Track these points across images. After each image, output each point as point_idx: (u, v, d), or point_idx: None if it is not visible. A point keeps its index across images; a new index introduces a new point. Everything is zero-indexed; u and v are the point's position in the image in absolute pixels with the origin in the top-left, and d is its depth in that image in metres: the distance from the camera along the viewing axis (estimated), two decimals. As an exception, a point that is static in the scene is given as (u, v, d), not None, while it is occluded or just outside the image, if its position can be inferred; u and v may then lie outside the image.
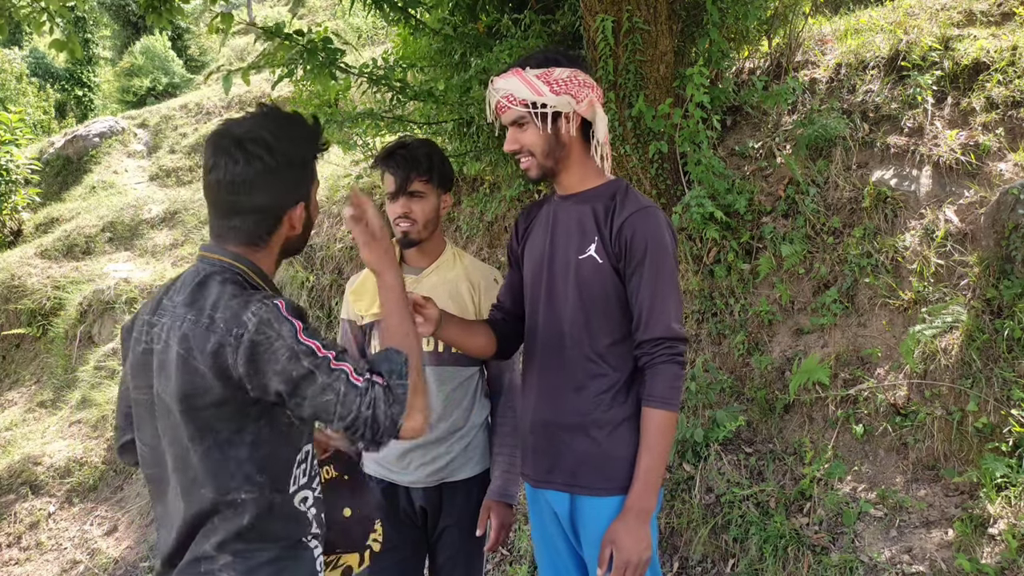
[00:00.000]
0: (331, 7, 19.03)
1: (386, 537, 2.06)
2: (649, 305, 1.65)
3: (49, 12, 4.34)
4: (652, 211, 1.69)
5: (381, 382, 1.28)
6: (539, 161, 1.72)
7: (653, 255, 1.65)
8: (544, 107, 1.66)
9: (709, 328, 3.78)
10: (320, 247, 5.74)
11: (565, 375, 1.73)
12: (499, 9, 4.22)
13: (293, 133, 1.39)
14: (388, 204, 2.05)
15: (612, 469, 1.69)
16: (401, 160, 2.00)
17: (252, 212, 1.37)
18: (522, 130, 1.71)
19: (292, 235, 1.44)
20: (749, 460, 3.29)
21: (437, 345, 2.04)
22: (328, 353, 1.27)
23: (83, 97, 21.77)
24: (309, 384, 1.25)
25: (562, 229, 1.77)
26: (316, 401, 1.25)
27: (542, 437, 1.78)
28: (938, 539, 2.72)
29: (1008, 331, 2.98)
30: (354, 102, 5.41)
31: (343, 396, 1.25)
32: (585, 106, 1.70)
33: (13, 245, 10.32)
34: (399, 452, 2.05)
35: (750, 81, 4.52)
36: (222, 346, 1.25)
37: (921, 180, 3.70)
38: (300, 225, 1.43)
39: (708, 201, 3.73)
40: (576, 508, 1.75)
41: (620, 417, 1.69)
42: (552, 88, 1.66)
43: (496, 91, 1.71)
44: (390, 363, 1.32)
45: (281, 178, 1.36)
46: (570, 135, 1.71)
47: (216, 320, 1.27)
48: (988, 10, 4.32)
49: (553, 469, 1.76)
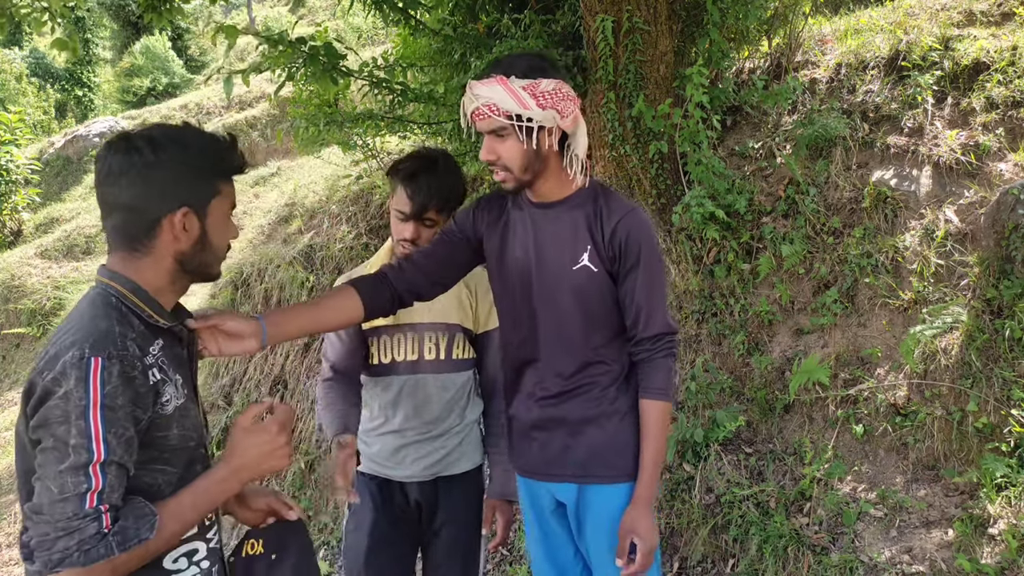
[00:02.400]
0: (331, 7, 19.03)
1: (381, 533, 2.07)
2: (648, 304, 1.70)
3: (50, 12, 4.35)
4: (639, 212, 1.72)
5: (106, 526, 1.12)
6: (516, 175, 1.67)
7: (647, 256, 1.69)
8: (530, 121, 1.60)
9: (709, 328, 3.78)
10: (320, 247, 5.74)
11: (569, 377, 1.76)
12: (499, 9, 4.22)
13: (193, 141, 1.31)
14: (395, 219, 1.99)
15: (620, 457, 1.74)
16: (424, 188, 1.91)
17: (124, 209, 1.27)
18: (501, 141, 1.64)
19: (181, 247, 1.31)
20: (749, 460, 3.29)
21: (438, 353, 2.04)
22: (99, 453, 1.12)
23: (83, 97, 21.77)
24: (50, 460, 1.12)
25: (548, 239, 1.74)
26: (42, 478, 1.13)
27: (547, 434, 1.80)
28: (938, 539, 2.72)
29: (1008, 331, 2.98)
30: (354, 102, 5.41)
31: (60, 500, 1.11)
32: (570, 121, 1.66)
33: (13, 245, 10.33)
34: (393, 448, 2.05)
35: (750, 81, 4.52)
36: (32, 383, 1.17)
37: (921, 180, 3.70)
38: (187, 238, 1.31)
39: (708, 201, 3.73)
40: (583, 498, 1.78)
41: (625, 407, 1.75)
42: (539, 102, 1.59)
43: (476, 97, 1.62)
44: (137, 524, 1.17)
45: (158, 176, 1.26)
46: (550, 148, 1.67)
47: (47, 353, 1.18)
48: (988, 10, 4.32)
49: (561, 462, 1.79)
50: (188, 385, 1.36)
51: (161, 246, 1.30)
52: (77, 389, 1.13)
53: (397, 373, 2.04)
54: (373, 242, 5.59)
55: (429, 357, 2.03)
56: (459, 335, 2.06)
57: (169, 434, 1.28)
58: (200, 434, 1.38)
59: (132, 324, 1.26)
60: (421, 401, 2.03)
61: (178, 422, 1.29)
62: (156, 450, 1.26)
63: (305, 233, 6.06)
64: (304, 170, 8.00)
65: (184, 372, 1.36)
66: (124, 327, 1.23)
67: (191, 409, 1.35)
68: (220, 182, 1.36)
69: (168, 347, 1.32)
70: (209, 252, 1.36)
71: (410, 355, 2.04)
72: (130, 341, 1.22)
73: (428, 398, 2.03)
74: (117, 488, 1.15)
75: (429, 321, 2.04)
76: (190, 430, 1.33)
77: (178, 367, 1.34)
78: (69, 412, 1.12)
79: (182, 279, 1.36)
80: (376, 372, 2.08)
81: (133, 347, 1.22)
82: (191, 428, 1.33)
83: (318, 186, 6.76)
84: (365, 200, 5.95)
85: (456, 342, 2.06)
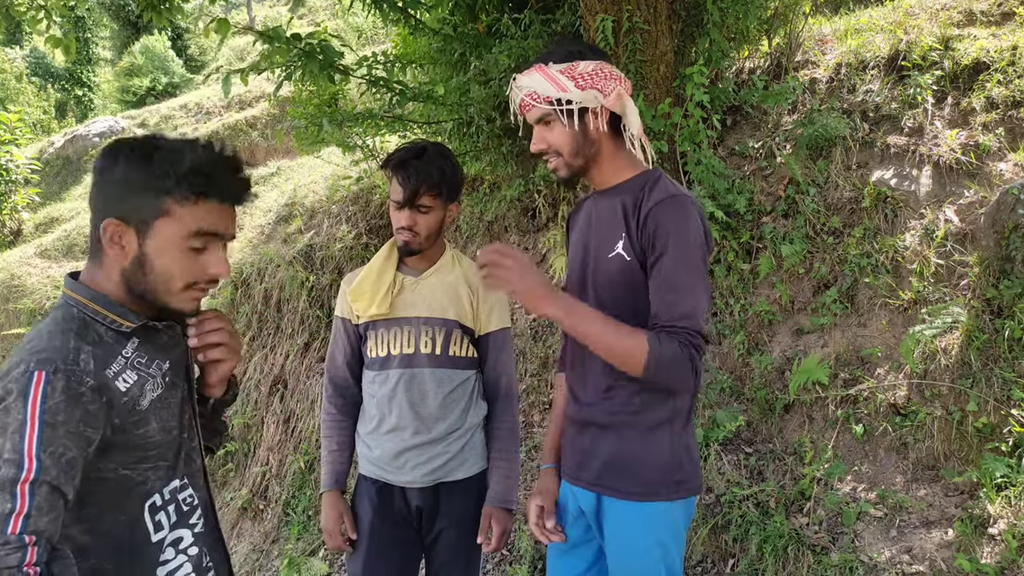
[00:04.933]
0: (331, 6, 19.03)
1: (381, 538, 2.07)
2: (672, 295, 1.52)
3: (47, 11, 4.34)
4: (679, 199, 1.57)
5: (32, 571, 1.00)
6: (567, 160, 1.66)
7: (676, 244, 1.53)
8: (570, 103, 1.59)
9: (709, 328, 3.77)
10: (320, 247, 5.74)
11: (598, 376, 1.69)
12: (499, 9, 4.22)
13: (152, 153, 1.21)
14: (392, 210, 2.03)
15: (642, 473, 1.62)
16: (413, 172, 1.94)
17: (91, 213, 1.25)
18: (548, 128, 1.64)
19: (123, 264, 1.22)
20: (749, 460, 3.29)
21: (435, 347, 2.04)
22: (30, 471, 1.03)
23: (83, 97, 21.77)
24: None
25: (596, 226, 1.71)
26: None
27: (577, 435, 1.75)
28: (938, 539, 2.72)
29: (1008, 331, 2.98)
30: (353, 102, 5.41)
31: None
32: (613, 99, 1.63)
33: (13, 245, 10.33)
34: (394, 452, 2.05)
35: (750, 81, 4.52)
36: None
37: (921, 180, 3.70)
38: (124, 254, 1.22)
39: (708, 201, 3.73)
40: (602, 508, 1.71)
41: (653, 421, 1.62)
42: (577, 83, 1.59)
43: (519, 89, 1.64)
44: None
45: (106, 182, 1.22)
46: (600, 130, 1.64)
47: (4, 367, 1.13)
48: (988, 10, 4.32)
49: (583, 467, 1.73)
50: (175, 369, 1.32)
51: (107, 258, 1.23)
52: (16, 403, 1.06)
53: (393, 367, 2.04)
54: (373, 242, 5.59)
55: (425, 351, 2.03)
56: (457, 332, 2.06)
57: (148, 429, 1.24)
58: (183, 422, 1.33)
59: (96, 332, 1.21)
60: (417, 396, 2.03)
61: (155, 414, 1.25)
62: (140, 449, 1.23)
63: (305, 233, 6.06)
64: (304, 170, 8.00)
65: (174, 355, 1.32)
66: (82, 339, 1.18)
67: (169, 396, 1.29)
68: (170, 202, 1.20)
69: (148, 340, 1.28)
70: (152, 279, 1.22)
71: (406, 348, 2.04)
72: (85, 355, 1.15)
73: (424, 393, 2.03)
74: (47, 512, 1.04)
75: (426, 316, 2.04)
76: (168, 420, 1.28)
77: (169, 350, 1.31)
78: (7, 425, 1.05)
79: (138, 301, 1.26)
80: (374, 366, 2.08)
81: (88, 362, 1.15)
82: (169, 417, 1.29)
83: (318, 186, 6.76)
84: (365, 200, 5.95)
85: (453, 339, 2.06)
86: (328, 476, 2.12)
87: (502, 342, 2.13)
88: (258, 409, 5.29)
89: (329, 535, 2.08)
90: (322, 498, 2.12)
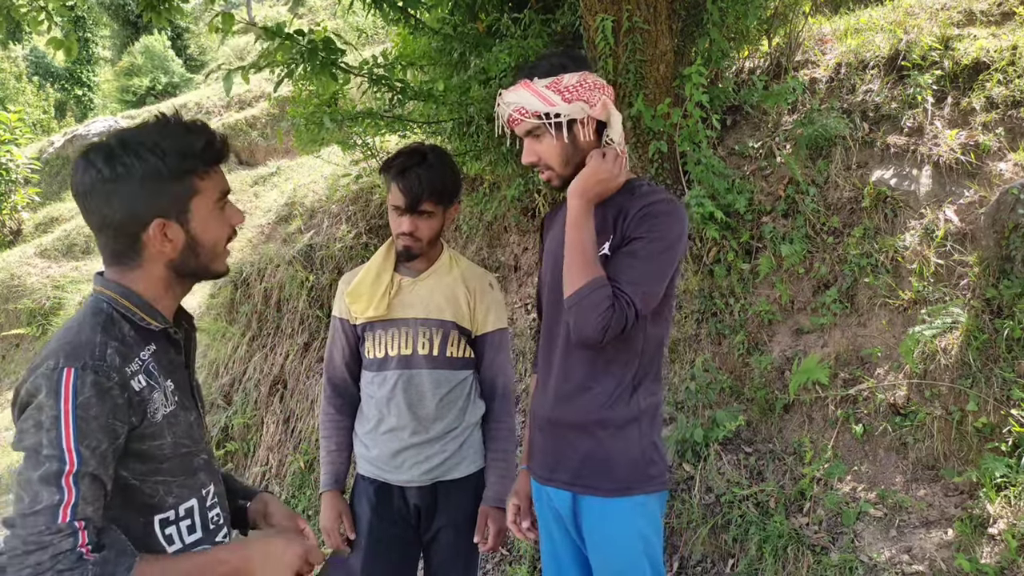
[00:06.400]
0: (331, 7, 19.02)
1: (379, 537, 2.08)
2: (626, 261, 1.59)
3: (48, 11, 4.34)
4: (672, 203, 1.63)
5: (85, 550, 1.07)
6: (558, 172, 1.71)
7: (650, 240, 1.59)
8: (558, 116, 1.64)
9: (709, 328, 3.77)
10: (320, 246, 5.74)
11: (573, 375, 1.72)
12: (499, 8, 4.22)
13: (152, 146, 1.22)
14: (392, 215, 2.03)
15: (616, 470, 1.68)
16: (415, 180, 1.95)
17: (101, 228, 1.24)
18: (538, 141, 1.70)
19: (170, 257, 1.27)
20: (749, 460, 3.29)
21: (431, 348, 2.04)
22: (72, 463, 1.09)
23: (83, 97, 21.76)
24: (24, 471, 1.09)
25: None
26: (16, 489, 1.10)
27: (550, 435, 1.78)
28: (938, 539, 2.72)
29: (1008, 331, 2.98)
30: (354, 101, 5.41)
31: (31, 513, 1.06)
32: (599, 109, 1.67)
33: (13, 245, 10.33)
34: (392, 452, 2.05)
35: (750, 81, 4.52)
36: (16, 393, 1.17)
37: (921, 180, 3.70)
38: (173, 247, 1.26)
39: (708, 201, 3.73)
40: (579, 507, 1.74)
41: (625, 418, 1.68)
42: (564, 96, 1.64)
43: (506, 105, 1.69)
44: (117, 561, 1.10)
45: (122, 191, 1.21)
46: (587, 139, 1.69)
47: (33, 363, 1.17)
48: (988, 10, 4.32)
49: (557, 467, 1.76)
50: (182, 390, 1.34)
51: (148, 259, 1.26)
52: (48, 399, 1.11)
53: (391, 368, 2.04)
54: (373, 242, 5.59)
55: (422, 352, 2.04)
56: (454, 333, 2.06)
57: (163, 442, 1.26)
58: (195, 439, 1.36)
59: (121, 330, 1.24)
60: (415, 397, 2.03)
61: (170, 429, 1.28)
62: (154, 461, 1.25)
63: (305, 232, 6.06)
64: (304, 170, 8.00)
65: (177, 377, 1.34)
66: (108, 335, 1.21)
67: (181, 416, 1.32)
68: (194, 179, 1.26)
69: (162, 352, 1.31)
70: (203, 253, 1.30)
71: (403, 349, 2.04)
72: (111, 350, 1.19)
73: (422, 394, 2.03)
74: (92, 501, 1.10)
75: (423, 317, 2.05)
76: (182, 437, 1.31)
77: (171, 372, 1.32)
78: (42, 422, 1.10)
79: (180, 284, 1.32)
80: (372, 367, 2.08)
81: (114, 357, 1.19)
82: (183, 435, 1.31)
83: (318, 186, 6.76)
84: (365, 200, 5.95)
85: (451, 340, 2.06)
86: (327, 476, 2.13)
87: (499, 342, 2.13)
88: (258, 409, 5.30)
89: (328, 534, 2.08)
90: (321, 498, 2.13)
